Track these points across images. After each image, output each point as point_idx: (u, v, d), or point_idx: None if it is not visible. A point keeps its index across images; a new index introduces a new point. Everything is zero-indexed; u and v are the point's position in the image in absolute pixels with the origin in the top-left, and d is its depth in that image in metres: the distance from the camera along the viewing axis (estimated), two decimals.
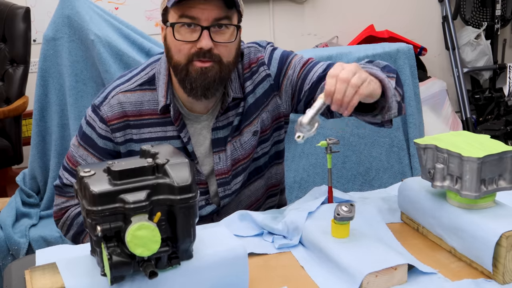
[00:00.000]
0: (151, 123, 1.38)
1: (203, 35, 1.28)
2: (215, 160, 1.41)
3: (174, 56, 1.31)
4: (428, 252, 1.16)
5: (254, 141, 1.44)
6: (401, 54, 2.38)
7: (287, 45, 3.86)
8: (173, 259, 0.95)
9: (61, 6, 2.27)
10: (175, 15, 1.30)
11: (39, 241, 2.15)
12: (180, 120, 1.39)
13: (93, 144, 1.39)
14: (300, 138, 1.09)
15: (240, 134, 1.42)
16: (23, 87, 2.99)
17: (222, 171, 1.42)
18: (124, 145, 1.39)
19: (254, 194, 1.51)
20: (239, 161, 1.43)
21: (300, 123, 1.09)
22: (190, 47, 1.29)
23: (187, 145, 1.39)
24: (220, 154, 1.41)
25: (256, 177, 1.50)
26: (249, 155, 1.44)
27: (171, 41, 1.32)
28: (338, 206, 1.11)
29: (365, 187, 2.38)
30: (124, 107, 1.37)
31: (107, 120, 1.37)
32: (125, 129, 1.38)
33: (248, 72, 1.42)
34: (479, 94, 4.13)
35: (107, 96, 1.38)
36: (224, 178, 1.42)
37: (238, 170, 1.44)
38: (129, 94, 1.38)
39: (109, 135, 1.38)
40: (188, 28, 1.29)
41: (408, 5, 4.12)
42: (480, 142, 1.14)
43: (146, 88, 1.39)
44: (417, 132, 2.40)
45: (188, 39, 1.29)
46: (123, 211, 0.88)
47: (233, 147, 1.42)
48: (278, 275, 1.10)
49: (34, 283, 0.95)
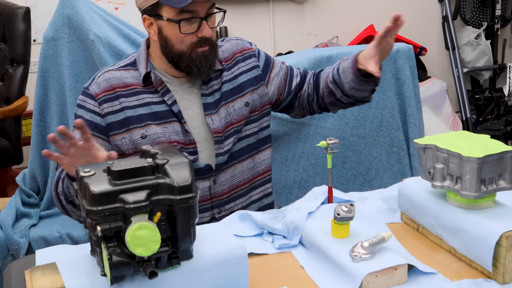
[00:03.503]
0: (138, 92, 1.53)
1: (204, 25, 1.47)
2: (209, 122, 1.54)
3: (176, 46, 1.48)
4: (428, 252, 1.16)
5: (246, 111, 1.61)
6: (401, 54, 2.38)
7: (287, 45, 3.87)
8: (173, 259, 0.95)
9: (61, 6, 2.27)
10: (172, 10, 1.44)
11: (39, 241, 2.15)
12: (163, 87, 1.53)
13: (84, 120, 1.46)
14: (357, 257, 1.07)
15: (234, 101, 1.59)
16: (23, 87, 2.99)
17: (217, 130, 1.55)
18: (113, 115, 1.50)
19: (246, 173, 1.61)
20: (232, 124, 1.57)
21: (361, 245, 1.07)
22: (192, 37, 1.47)
23: (172, 107, 1.52)
24: (212, 116, 1.55)
25: (247, 155, 1.61)
26: (241, 121, 1.59)
27: (171, 34, 1.47)
28: (338, 206, 1.11)
29: (365, 187, 2.38)
30: (110, 81, 1.53)
31: (95, 95, 1.51)
32: (113, 100, 1.51)
33: (241, 56, 1.64)
34: (479, 94, 4.13)
35: (94, 78, 1.55)
36: (219, 137, 1.55)
37: (230, 132, 1.57)
38: (113, 72, 1.55)
39: (96, 109, 1.51)
40: (188, 21, 1.45)
41: (408, 5, 4.12)
42: (480, 142, 1.14)
43: (129, 68, 1.56)
44: (417, 132, 2.40)
45: (190, 31, 1.46)
46: (123, 211, 0.88)
47: (227, 112, 1.57)
48: (278, 275, 1.10)
49: (34, 283, 0.95)
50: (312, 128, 2.34)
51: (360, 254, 1.04)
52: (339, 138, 2.10)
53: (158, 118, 1.51)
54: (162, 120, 1.52)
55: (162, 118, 1.52)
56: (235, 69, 1.62)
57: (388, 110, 2.38)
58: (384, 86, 2.37)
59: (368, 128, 2.38)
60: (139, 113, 1.51)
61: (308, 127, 2.36)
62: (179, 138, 1.52)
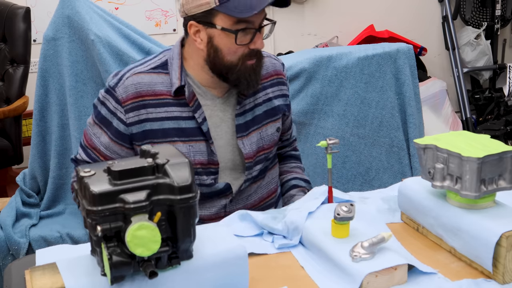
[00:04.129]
0: (167, 103, 1.43)
1: (258, 37, 1.39)
2: (240, 145, 1.48)
3: (226, 57, 1.39)
4: (428, 252, 1.16)
5: (276, 136, 1.57)
6: (401, 54, 2.38)
7: (287, 45, 3.87)
8: (173, 259, 0.95)
9: (61, 6, 2.27)
10: (229, 19, 1.36)
11: (39, 241, 2.15)
12: (195, 101, 1.44)
13: (108, 123, 1.45)
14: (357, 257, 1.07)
15: (267, 125, 1.53)
16: (23, 87, 2.99)
17: (249, 156, 1.49)
18: (138, 125, 1.42)
19: (259, 192, 1.57)
20: (263, 149, 1.52)
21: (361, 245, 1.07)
22: (244, 48, 1.39)
23: (202, 125, 1.44)
24: (244, 140, 1.49)
25: (261, 176, 1.57)
26: (271, 147, 1.55)
27: (223, 44, 1.38)
28: (338, 206, 1.11)
29: (365, 187, 2.38)
30: (139, 87, 1.42)
31: (122, 101, 1.41)
32: (140, 109, 1.42)
33: (276, 79, 1.58)
34: (479, 94, 4.13)
35: (122, 78, 1.43)
36: (249, 163, 1.49)
37: (261, 157, 1.52)
38: (143, 75, 1.44)
39: (122, 116, 1.42)
40: (243, 32, 1.37)
41: (408, 5, 4.12)
42: (480, 142, 1.14)
43: (159, 71, 1.45)
44: (417, 132, 2.40)
45: (244, 42, 1.38)
46: (123, 211, 0.88)
47: (260, 136, 1.52)
48: (278, 275, 1.10)
49: (34, 283, 0.95)
50: (312, 128, 2.34)
51: (360, 254, 1.04)
52: (339, 138, 2.10)
53: (185, 135, 1.44)
54: (189, 137, 1.44)
55: (189, 135, 1.44)
56: (269, 91, 1.56)
57: (388, 110, 2.38)
58: (384, 86, 2.37)
59: (368, 128, 2.38)
60: (165, 126, 1.43)
61: (308, 127, 2.37)
62: (203, 158, 1.45)
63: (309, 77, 2.33)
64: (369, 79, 2.37)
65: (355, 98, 2.36)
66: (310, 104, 2.33)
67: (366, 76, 2.36)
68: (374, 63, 2.36)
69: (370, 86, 2.37)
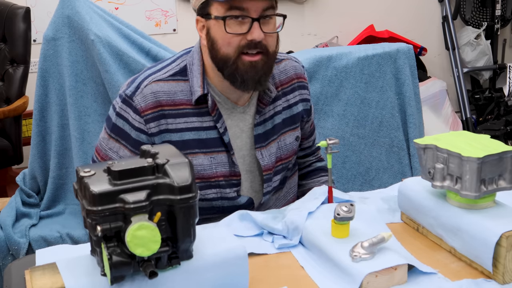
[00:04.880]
0: (187, 113, 1.36)
1: (254, 27, 1.29)
2: (258, 156, 1.43)
3: (222, 49, 1.31)
4: (428, 252, 1.16)
5: (295, 146, 1.51)
6: (401, 54, 2.38)
7: (287, 45, 3.87)
8: (173, 259, 0.94)
9: (61, 6, 2.27)
10: (221, 7, 1.29)
11: (39, 241, 2.15)
12: (217, 111, 1.38)
13: (126, 136, 1.36)
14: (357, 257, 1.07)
15: (285, 134, 1.48)
16: (23, 87, 2.99)
17: (267, 167, 1.44)
18: (159, 136, 1.36)
19: (279, 203, 1.53)
20: (282, 160, 1.47)
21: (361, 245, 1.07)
22: (240, 39, 1.30)
23: (223, 136, 1.38)
24: (262, 150, 1.43)
25: (280, 186, 1.53)
26: (290, 156, 1.50)
27: (218, 34, 1.30)
28: (338, 206, 1.11)
29: (365, 187, 2.38)
30: (158, 96, 1.34)
31: (141, 110, 1.34)
32: (160, 119, 1.35)
33: (297, 83, 1.51)
34: (479, 94, 4.14)
35: (139, 86, 1.35)
36: (268, 174, 1.44)
37: (279, 168, 1.47)
38: (162, 83, 1.36)
39: (142, 127, 1.35)
40: (236, 20, 1.29)
41: (408, 5, 4.12)
42: (480, 142, 1.14)
43: (178, 79, 1.37)
44: (417, 132, 2.40)
45: (238, 32, 1.29)
46: (123, 211, 0.88)
47: (278, 146, 1.46)
48: (278, 275, 1.10)
49: (34, 283, 0.95)
50: None
51: (360, 254, 1.04)
52: (339, 138, 2.11)
53: (206, 146, 1.37)
54: (211, 149, 1.38)
55: (210, 147, 1.38)
56: (290, 96, 1.48)
57: (388, 110, 2.38)
58: (384, 86, 2.37)
59: (368, 128, 2.38)
60: (185, 138, 1.36)
61: None
62: (225, 170, 1.39)
63: (309, 77, 2.33)
64: (369, 79, 2.37)
65: (355, 98, 2.36)
66: None
67: (366, 76, 2.36)
68: (374, 63, 2.36)
69: (370, 86, 2.37)
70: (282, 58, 1.52)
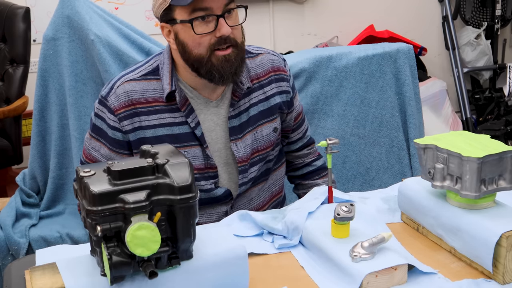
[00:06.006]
0: (159, 110, 1.42)
1: (221, 23, 1.33)
2: (233, 148, 1.46)
3: (194, 50, 1.35)
4: (428, 252, 1.16)
5: (274, 137, 1.52)
6: (401, 54, 2.38)
7: (287, 45, 3.87)
8: (173, 259, 0.95)
9: (61, 6, 2.27)
10: (185, 11, 1.33)
11: (39, 241, 2.15)
12: (187, 106, 1.43)
13: (104, 134, 1.44)
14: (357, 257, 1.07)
15: (262, 125, 1.50)
16: (23, 87, 2.99)
17: (242, 159, 1.46)
18: (133, 133, 1.41)
19: (262, 195, 1.55)
20: (259, 151, 1.49)
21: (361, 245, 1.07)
22: (210, 38, 1.34)
23: (195, 130, 1.43)
24: (237, 142, 1.46)
25: (263, 178, 1.55)
26: (267, 148, 1.51)
27: (187, 37, 1.35)
28: (338, 206, 1.11)
29: (365, 187, 2.38)
30: (130, 95, 1.41)
31: (114, 110, 1.40)
32: (133, 117, 1.41)
33: (274, 76, 1.53)
34: (479, 94, 4.13)
35: (113, 87, 1.42)
36: (243, 166, 1.47)
37: (255, 159, 1.49)
38: (134, 82, 1.42)
39: (117, 125, 1.41)
40: (202, 21, 1.33)
41: (408, 5, 4.12)
42: (480, 142, 1.14)
43: (151, 78, 1.43)
44: (417, 132, 2.40)
45: (206, 31, 1.33)
46: (123, 211, 0.88)
47: (254, 137, 1.48)
48: (278, 275, 1.10)
49: (34, 283, 0.95)
50: (312, 128, 2.34)
51: (360, 254, 1.04)
52: (339, 138, 2.10)
53: (179, 141, 1.42)
54: (183, 143, 1.43)
55: (183, 141, 1.42)
56: (267, 89, 1.51)
57: (388, 110, 2.38)
58: (384, 86, 2.37)
59: (368, 128, 2.38)
60: (159, 133, 1.42)
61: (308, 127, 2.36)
62: (199, 163, 1.44)
63: (309, 77, 2.33)
64: (369, 79, 2.37)
65: (355, 98, 2.36)
66: (310, 104, 2.33)
67: (366, 76, 2.36)
68: (374, 63, 2.36)
69: (370, 86, 2.37)
70: (259, 52, 1.54)
